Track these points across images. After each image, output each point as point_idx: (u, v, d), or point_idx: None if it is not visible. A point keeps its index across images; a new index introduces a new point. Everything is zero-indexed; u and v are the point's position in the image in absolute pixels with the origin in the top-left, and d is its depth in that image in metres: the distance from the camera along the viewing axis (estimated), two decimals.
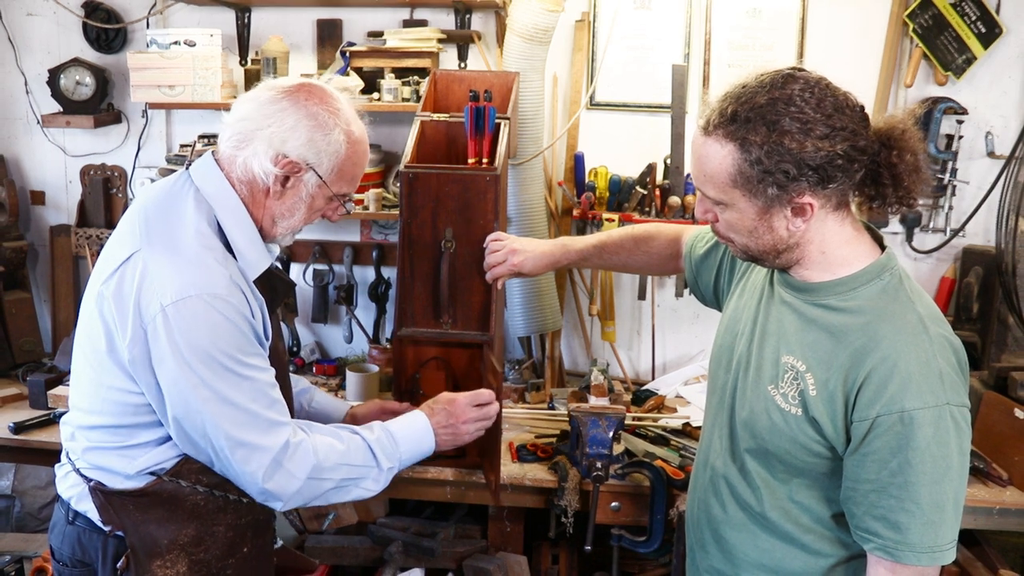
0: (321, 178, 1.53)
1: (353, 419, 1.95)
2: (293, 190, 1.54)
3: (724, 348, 1.54)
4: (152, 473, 1.51)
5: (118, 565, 1.53)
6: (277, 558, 1.79)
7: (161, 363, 1.42)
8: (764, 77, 1.29)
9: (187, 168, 1.57)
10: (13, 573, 2.60)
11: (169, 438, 1.50)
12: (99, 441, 1.52)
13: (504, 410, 2.47)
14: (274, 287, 1.62)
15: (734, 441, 1.48)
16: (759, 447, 1.42)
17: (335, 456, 1.55)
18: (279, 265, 3.03)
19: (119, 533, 1.53)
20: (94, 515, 1.54)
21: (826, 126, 1.24)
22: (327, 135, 1.51)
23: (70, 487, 1.58)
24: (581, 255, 1.96)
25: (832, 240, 1.33)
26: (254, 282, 1.54)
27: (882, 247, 1.37)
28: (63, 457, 1.63)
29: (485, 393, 1.82)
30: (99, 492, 1.52)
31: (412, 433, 1.69)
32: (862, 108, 1.30)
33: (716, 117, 1.29)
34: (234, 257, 1.51)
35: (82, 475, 1.55)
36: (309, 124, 1.50)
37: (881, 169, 1.30)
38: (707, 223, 1.43)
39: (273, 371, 1.52)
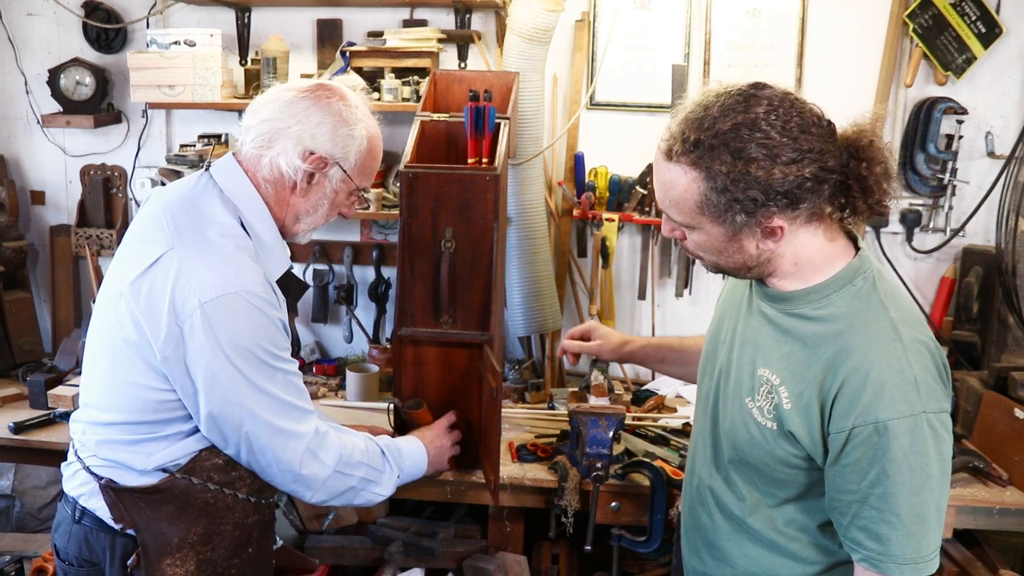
0: (346, 172, 1.59)
1: None
2: (318, 186, 1.59)
3: (708, 355, 1.53)
4: (165, 470, 1.53)
5: (128, 563, 1.54)
6: (277, 558, 1.80)
7: (198, 359, 1.44)
8: (726, 99, 1.23)
9: (206, 169, 1.60)
10: (13, 573, 2.60)
11: (187, 434, 1.53)
12: (115, 437, 1.53)
13: (504, 410, 2.48)
14: (288, 288, 1.65)
15: (718, 451, 1.47)
16: (740, 459, 1.41)
17: (358, 454, 1.65)
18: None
19: (130, 532, 1.53)
20: (103, 513, 1.54)
21: (793, 150, 1.20)
22: (351, 130, 1.57)
23: (78, 485, 1.58)
24: (663, 343, 1.95)
25: (804, 251, 1.31)
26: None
27: (856, 248, 1.35)
28: (71, 455, 1.63)
29: (451, 415, 2.06)
30: (110, 490, 1.52)
31: (413, 450, 1.83)
32: (829, 123, 1.26)
33: (679, 145, 1.24)
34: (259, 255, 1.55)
35: (92, 473, 1.55)
36: (334, 121, 1.56)
37: (850, 181, 1.27)
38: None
39: (297, 363, 1.58)
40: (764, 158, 1.19)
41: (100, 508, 1.55)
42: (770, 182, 1.20)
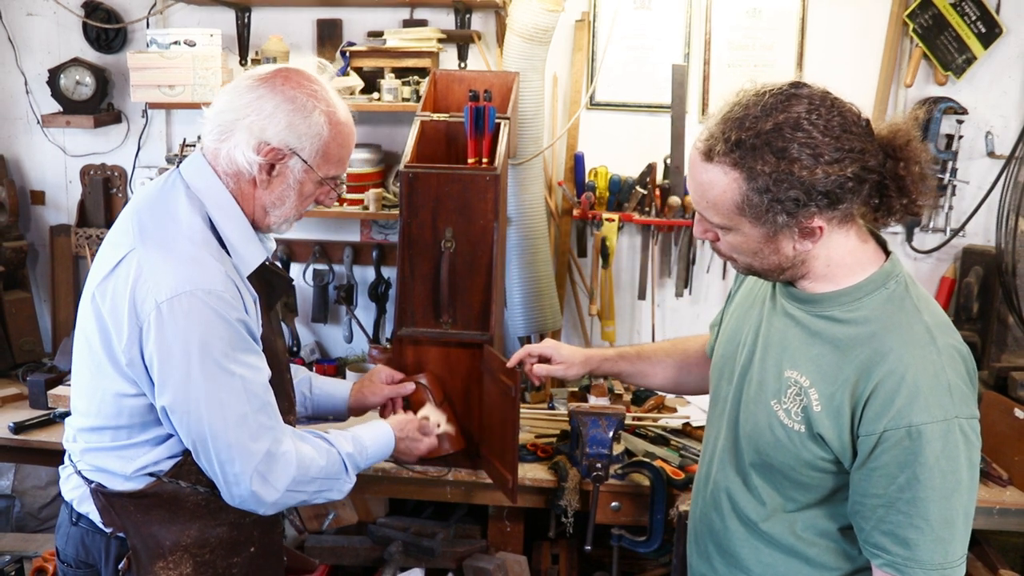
0: (306, 162, 1.50)
1: (359, 398, 1.95)
2: (280, 177, 1.50)
3: (726, 359, 1.50)
4: (151, 474, 1.51)
5: (120, 567, 1.53)
6: None
7: (153, 359, 1.41)
8: (766, 99, 1.22)
9: (177, 167, 1.56)
10: (13, 573, 2.60)
11: (165, 438, 1.50)
12: (97, 443, 1.52)
13: None
14: (270, 283, 1.60)
15: (738, 455, 1.45)
16: (763, 462, 1.39)
17: (314, 471, 1.55)
18: (277, 262, 3.04)
19: (120, 535, 1.52)
20: (96, 517, 1.53)
21: (835, 149, 1.19)
22: (307, 118, 1.47)
23: (72, 489, 1.58)
24: (619, 354, 1.90)
25: (837, 252, 1.30)
26: (249, 278, 1.53)
27: (887, 252, 1.34)
28: (65, 459, 1.63)
29: (430, 427, 1.91)
30: (100, 494, 1.51)
31: (378, 442, 1.74)
32: (867, 122, 1.25)
33: (720, 145, 1.23)
34: (228, 253, 1.50)
35: (84, 477, 1.54)
36: (288, 108, 1.46)
37: (887, 181, 1.26)
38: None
39: (267, 372, 1.50)
40: (807, 158, 1.19)
41: (92, 512, 1.53)
42: (812, 182, 1.19)
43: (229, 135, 1.48)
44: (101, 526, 1.53)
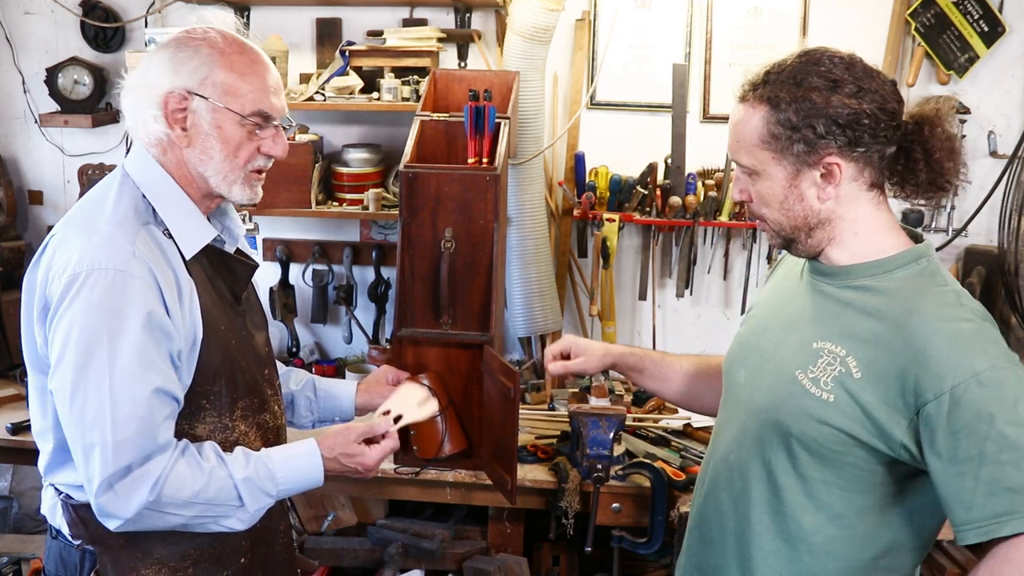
0: (208, 99, 1.40)
1: (367, 399, 1.88)
2: (195, 128, 1.42)
3: (741, 346, 1.52)
4: None
5: None
6: None
7: (54, 338, 1.35)
8: (797, 51, 1.35)
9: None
10: (11, 574, 2.59)
11: None
12: (49, 450, 1.45)
13: None
14: (232, 271, 1.53)
15: (749, 438, 1.43)
16: (779, 439, 1.37)
17: (186, 493, 1.38)
18: (278, 261, 3.04)
19: (90, 547, 1.45)
20: (67, 530, 1.46)
21: (855, 85, 1.28)
22: (192, 56, 1.40)
23: (47, 500, 1.51)
24: (645, 353, 1.87)
25: (865, 222, 1.34)
26: (211, 266, 1.47)
27: (919, 241, 1.38)
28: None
29: (380, 426, 1.65)
30: (70, 506, 1.44)
31: (296, 472, 1.51)
32: (894, 83, 1.33)
33: (748, 85, 1.35)
34: (172, 237, 1.43)
35: (55, 488, 1.47)
36: (169, 55, 1.41)
37: (913, 144, 1.32)
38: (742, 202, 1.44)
39: (161, 385, 1.35)
40: (824, 87, 1.28)
41: (63, 525, 1.47)
42: (829, 111, 1.27)
43: (137, 109, 1.43)
44: (70, 539, 1.46)
